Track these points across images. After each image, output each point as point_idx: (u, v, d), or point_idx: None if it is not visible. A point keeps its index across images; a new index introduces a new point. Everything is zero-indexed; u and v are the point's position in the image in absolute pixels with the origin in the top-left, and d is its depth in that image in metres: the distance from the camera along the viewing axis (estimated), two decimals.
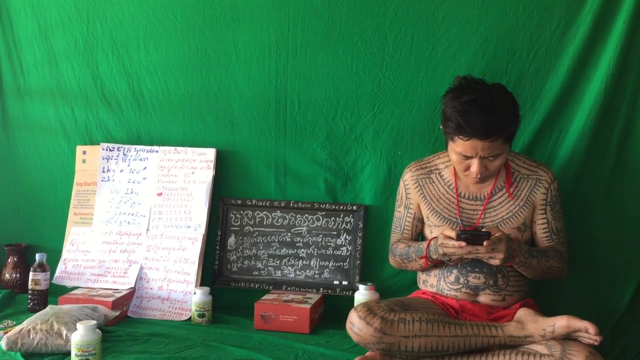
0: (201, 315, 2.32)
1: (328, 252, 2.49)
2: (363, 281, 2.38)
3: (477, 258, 1.89)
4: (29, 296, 2.40)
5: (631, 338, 2.27)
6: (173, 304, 2.43)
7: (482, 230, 1.90)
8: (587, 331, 1.74)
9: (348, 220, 2.49)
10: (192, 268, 2.46)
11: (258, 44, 2.52)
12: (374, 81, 2.44)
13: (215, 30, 2.55)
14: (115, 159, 2.63)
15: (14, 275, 2.64)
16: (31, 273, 2.40)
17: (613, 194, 2.30)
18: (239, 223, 2.56)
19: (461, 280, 1.99)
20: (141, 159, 2.62)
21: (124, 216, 2.59)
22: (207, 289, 2.35)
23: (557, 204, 2.04)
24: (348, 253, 2.48)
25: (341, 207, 2.49)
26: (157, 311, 2.41)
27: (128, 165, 2.63)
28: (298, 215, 2.52)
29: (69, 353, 1.85)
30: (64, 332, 1.96)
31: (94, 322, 1.85)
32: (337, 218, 2.49)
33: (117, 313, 2.27)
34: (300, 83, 2.50)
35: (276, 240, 2.53)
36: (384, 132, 2.45)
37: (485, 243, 1.81)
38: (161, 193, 2.59)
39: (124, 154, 2.63)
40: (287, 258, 2.52)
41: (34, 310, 2.31)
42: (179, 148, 2.60)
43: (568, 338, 1.77)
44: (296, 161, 2.53)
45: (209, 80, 2.57)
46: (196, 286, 2.43)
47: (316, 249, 2.50)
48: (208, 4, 2.54)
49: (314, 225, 2.51)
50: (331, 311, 2.43)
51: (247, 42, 2.53)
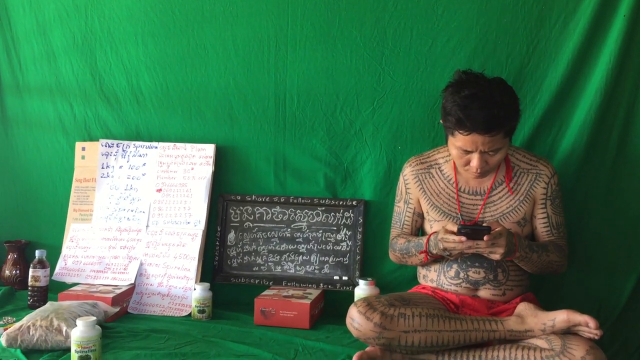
0: (201, 311, 2.32)
1: (328, 248, 2.49)
2: (363, 276, 2.37)
3: (478, 253, 1.89)
4: (29, 293, 2.40)
5: (631, 332, 2.27)
6: (173, 300, 2.43)
7: (483, 225, 1.90)
8: (588, 325, 1.74)
9: (348, 215, 2.48)
10: (192, 264, 2.46)
11: (257, 39, 2.51)
12: (374, 76, 2.43)
13: (214, 25, 2.54)
14: (114, 155, 2.63)
15: (14, 271, 2.64)
16: (31, 270, 2.40)
17: (613, 188, 2.30)
18: (239, 219, 2.56)
19: (461, 275, 1.99)
20: (140, 155, 2.62)
21: (124, 212, 2.59)
22: (207, 285, 2.35)
23: (557, 199, 2.03)
24: (348, 248, 2.47)
25: (341, 203, 2.49)
26: (157, 307, 2.41)
27: (127, 161, 2.62)
28: (298, 210, 2.52)
29: (69, 349, 1.85)
30: (64, 329, 1.96)
31: (94, 319, 1.84)
32: (337, 213, 2.49)
33: (117, 309, 2.27)
34: (299, 78, 2.49)
35: (276, 235, 2.53)
36: (384, 127, 2.44)
37: (485, 238, 1.81)
38: (161, 189, 2.59)
39: (123, 150, 2.63)
40: (287, 254, 2.51)
41: (34, 306, 2.32)
42: (178, 144, 2.59)
43: (568, 332, 1.77)
44: (296, 156, 2.52)
45: (208, 75, 2.56)
46: (196, 282, 2.43)
47: (316, 245, 2.50)
48: None
49: (314, 220, 2.51)
50: (331, 306, 2.43)
51: (246, 38, 2.52)
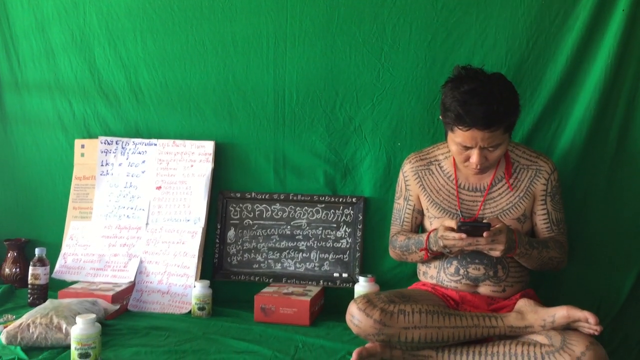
0: (201, 308, 2.31)
1: (328, 245, 2.49)
2: (363, 273, 2.37)
3: (478, 250, 1.89)
4: (29, 290, 2.40)
5: (631, 328, 2.27)
6: (173, 298, 2.42)
7: (483, 221, 1.90)
8: (587, 321, 1.73)
9: (348, 212, 2.48)
10: (192, 261, 2.46)
11: (256, 36, 2.50)
12: (373, 72, 2.43)
13: (212, 21, 2.53)
14: (113, 153, 2.62)
15: (14, 269, 2.64)
16: (31, 267, 2.40)
17: (613, 184, 2.29)
18: (239, 216, 2.55)
19: (461, 271, 1.99)
20: (140, 153, 2.61)
21: (124, 210, 2.58)
22: (207, 282, 2.35)
23: (557, 195, 2.03)
24: (348, 245, 2.47)
25: (341, 199, 2.48)
26: (157, 305, 2.41)
27: (127, 158, 2.62)
28: (297, 207, 2.52)
29: (69, 347, 1.85)
30: (64, 326, 1.96)
31: (94, 316, 1.84)
32: (337, 210, 2.49)
33: (117, 307, 2.27)
34: (298, 74, 2.48)
35: (276, 233, 2.53)
36: (383, 123, 2.44)
37: (485, 234, 1.80)
38: (160, 186, 2.58)
39: (123, 148, 2.62)
40: (287, 251, 2.51)
41: (34, 304, 2.31)
42: (178, 141, 2.59)
43: (568, 328, 1.77)
44: (295, 153, 2.52)
45: (207, 72, 2.56)
46: (196, 279, 2.43)
47: (316, 242, 2.49)
48: None
49: (314, 217, 2.50)
50: (331, 303, 2.43)
51: (245, 34, 2.51)
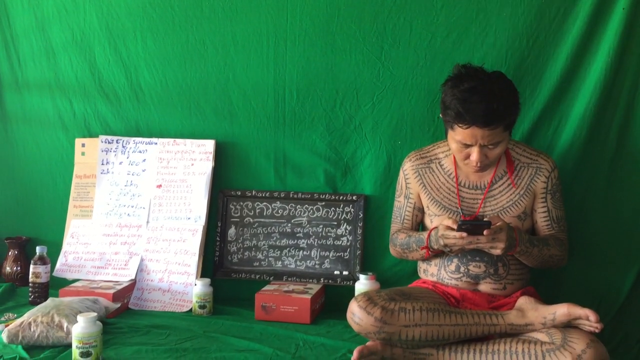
0: (202, 306, 2.32)
1: (328, 243, 2.49)
2: (363, 271, 2.37)
3: (479, 248, 1.89)
4: (30, 289, 2.40)
5: (632, 326, 2.26)
6: (174, 296, 2.43)
7: (483, 219, 1.90)
8: (588, 319, 1.73)
9: (348, 210, 2.48)
10: (193, 259, 2.46)
11: (256, 35, 2.50)
12: (373, 71, 2.43)
13: (213, 21, 2.53)
14: (114, 152, 2.63)
15: (15, 268, 2.64)
16: (32, 266, 2.40)
17: (613, 182, 2.29)
18: (239, 214, 2.56)
19: (462, 269, 1.99)
20: (140, 151, 2.62)
21: (124, 208, 2.59)
22: (208, 281, 2.35)
23: (558, 192, 2.03)
24: (348, 243, 2.47)
25: (341, 198, 2.49)
26: (158, 303, 2.41)
27: (127, 157, 2.62)
28: (298, 205, 2.52)
29: (70, 345, 1.85)
30: (65, 325, 1.96)
31: (95, 314, 1.85)
32: (337, 208, 2.49)
33: (118, 305, 2.27)
34: (298, 73, 2.49)
35: (276, 231, 2.53)
36: (384, 122, 2.44)
37: (485, 232, 1.80)
38: (161, 185, 2.59)
39: (123, 146, 2.63)
40: (288, 249, 2.51)
41: (35, 303, 2.32)
42: (178, 140, 2.59)
43: (569, 326, 1.77)
44: (295, 152, 2.52)
45: (207, 71, 2.56)
46: (197, 278, 2.43)
47: (316, 240, 2.50)
48: None
49: (314, 215, 2.51)
50: (332, 301, 2.43)
51: (245, 33, 2.51)
